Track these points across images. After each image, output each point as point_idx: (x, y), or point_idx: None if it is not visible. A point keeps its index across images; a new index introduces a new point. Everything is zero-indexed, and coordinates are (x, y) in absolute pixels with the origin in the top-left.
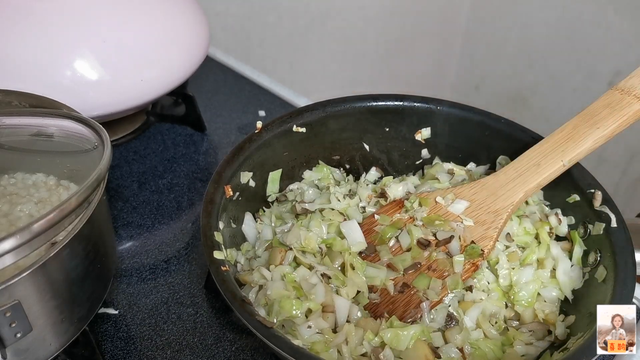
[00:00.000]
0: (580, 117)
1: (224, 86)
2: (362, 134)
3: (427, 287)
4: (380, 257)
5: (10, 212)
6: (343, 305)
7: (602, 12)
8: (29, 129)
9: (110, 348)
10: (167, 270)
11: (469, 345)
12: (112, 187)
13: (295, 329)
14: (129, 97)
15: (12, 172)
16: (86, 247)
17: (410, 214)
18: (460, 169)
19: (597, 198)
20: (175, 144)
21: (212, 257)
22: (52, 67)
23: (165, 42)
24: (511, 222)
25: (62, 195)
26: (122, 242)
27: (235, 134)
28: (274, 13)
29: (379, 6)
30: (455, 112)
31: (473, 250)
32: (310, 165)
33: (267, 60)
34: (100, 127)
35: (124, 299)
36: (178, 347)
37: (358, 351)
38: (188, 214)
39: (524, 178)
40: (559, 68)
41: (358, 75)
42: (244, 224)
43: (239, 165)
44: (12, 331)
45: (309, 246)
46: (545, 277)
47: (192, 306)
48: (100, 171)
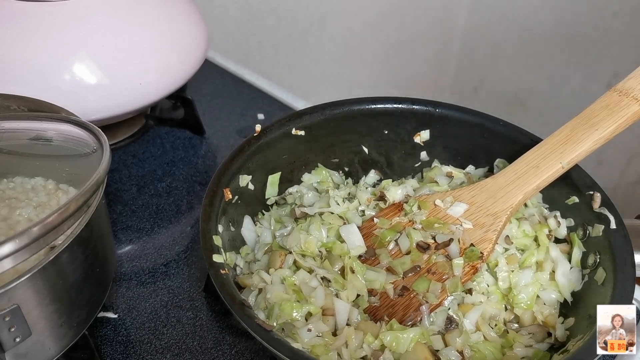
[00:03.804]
0: (578, 119)
1: (223, 89)
2: (361, 137)
3: (426, 290)
4: (379, 261)
5: (9, 216)
6: (343, 308)
7: (600, 14)
8: (28, 133)
9: (109, 352)
10: (167, 273)
11: (469, 348)
12: (111, 191)
13: (295, 332)
14: (127, 101)
15: (11, 176)
16: (85, 251)
17: (409, 217)
18: (459, 172)
19: (596, 200)
20: (174, 148)
21: (212, 261)
22: (51, 71)
23: (164, 46)
24: (510, 224)
25: (61, 199)
26: (121, 245)
27: (234, 137)
28: (273, 16)
29: (377, 9)
30: (454, 115)
31: (472, 253)
32: (309, 168)
33: (266, 63)
34: (99, 130)
35: (123, 303)
36: (177, 351)
37: (358, 354)
38: (187, 218)
39: (522, 180)
40: (557, 70)
41: (357, 77)
42: (243, 227)
43: (238, 169)
44: (11, 335)
45: (308, 250)
46: (544, 279)
47: (191, 310)
48: (99, 175)
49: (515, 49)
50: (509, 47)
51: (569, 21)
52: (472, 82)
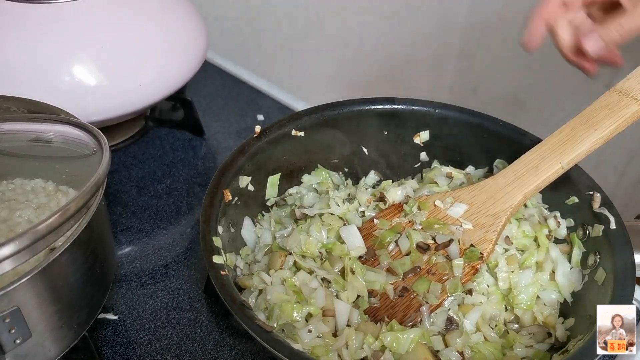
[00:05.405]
0: (578, 119)
1: (223, 90)
2: (361, 138)
3: (426, 290)
4: (379, 262)
5: (9, 217)
6: (343, 309)
7: None
8: (28, 135)
9: (109, 353)
10: (167, 275)
11: (469, 349)
12: (111, 192)
13: (296, 333)
14: (127, 102)
15: (10, 178)
16: (85, 252)
17: (409, 217)
18: (458, 172)
19: (596, 200)
20: (173, 149)
21: (212, 262)
22: (51, 72)
23: (164, 47)
24: (510, 225)
25: (61, 201)
26: (121, 247)
27: (233, 138)
28: (272, 17)
29: (376, 10)
30: (454, 115)
31: (472, 254)
32: (309, 169)
33: (266, 64)
34: (99, 132)
35: (123, 304)
36: (178, 352)
37: (358, 355)
38: (187, 219)
39: (522, 181)
40: (557, 70)
41: (356, 78)
42: (243, 228)
43: (238, 170)
44: (12, 337)
45: (309, 251)
46: (544, 279)
47: (191, 311)
48: (99, 176)
49: (515, 49)
50: (508, 47)
51: None
52: (472, 82)
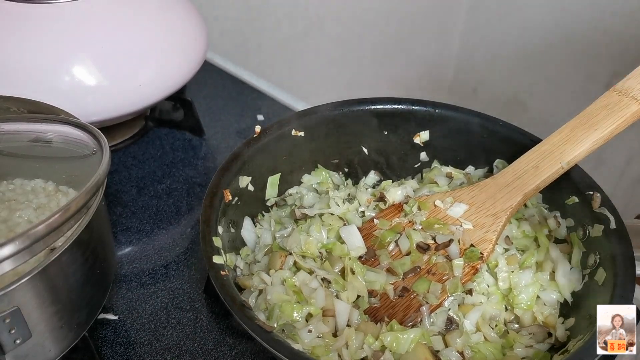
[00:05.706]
0: (578, 119)
1: (223, 91)
2: (361, 138)
3: (426, 290)
4: (380, 262)
5: (9, 218)
6: (343, 309)
7: (599, 14)
8: (28, 135)
9: (109, 354)
10: (167, 275)
11: (469, 349)
12: (111, 193)
13: (296, 333)
14: (127, 103)
15: (10, 178)
16: (85, 252)
17: (409, 217)
18: (458, 172)
19: (595, 200)
20: (173, 149)
21: (212, 262)
22: (51, 73)
23: (164, 47)
24: (510, 225)
25: (61, 201)
26: (121, 247)
27: (233, 138)
28: (272, 17)
29: (376, 10)
30: (454, 115)
31: (472, 254)
32: (309, 169)
33: (266, 64)
34: (99, 132)
35: (123, 305)
36: (178, 352)
37: (358, 355)
38: (187, 219)
39: (522, 181)
40: (557, 70)
41: (356, 78)
42: (243, 228)
43: (238, 170)
44: (12, 337)
45: (309, 251)
46: (544, 279)
47: (191, 311)
48: (99, 176)
49: (515, 49)
50: (508, 47)
51: (569, 21)
52: (472, 82)
